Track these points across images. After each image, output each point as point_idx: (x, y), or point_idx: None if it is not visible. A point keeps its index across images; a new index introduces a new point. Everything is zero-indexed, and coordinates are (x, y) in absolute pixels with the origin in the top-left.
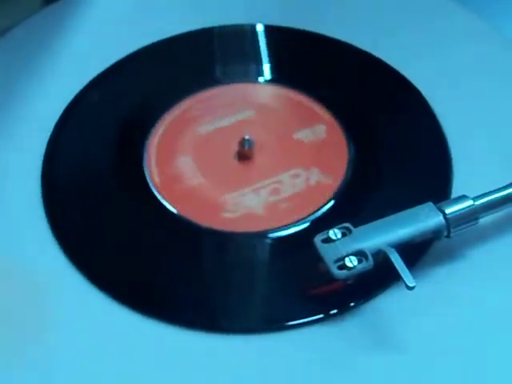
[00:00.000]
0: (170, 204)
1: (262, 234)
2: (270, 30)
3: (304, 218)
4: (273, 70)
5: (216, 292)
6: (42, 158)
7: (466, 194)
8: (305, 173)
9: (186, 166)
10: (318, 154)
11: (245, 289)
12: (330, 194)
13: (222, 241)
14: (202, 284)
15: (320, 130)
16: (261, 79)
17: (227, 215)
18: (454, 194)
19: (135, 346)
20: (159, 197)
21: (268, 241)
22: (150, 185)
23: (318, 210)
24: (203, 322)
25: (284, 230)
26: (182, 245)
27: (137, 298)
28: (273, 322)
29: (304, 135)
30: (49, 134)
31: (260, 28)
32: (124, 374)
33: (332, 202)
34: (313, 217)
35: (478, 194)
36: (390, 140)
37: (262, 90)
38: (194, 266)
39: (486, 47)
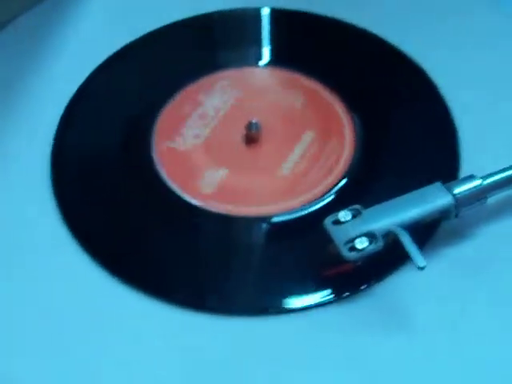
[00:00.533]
0: (180, 189)
1: (272, 216)
2: (272, 12)
3: (311, 202)
4: (276, 53)
5: (225, 274)
6: (51, 145)
7: (474, 173)
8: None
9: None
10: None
11: (254, 271)
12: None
13: (230, 224)
14: (212, 267)
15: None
16: (262, 63)
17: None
18: (463, 174)
19: (134, 324)
20: (167, 181)
21: (278, 223)
22: (156, 165)
23: (325, 193)
24: (217, 303)
25: (294, 212)
26: (190, 227)
27: (142, 278)
28: (284, 304)
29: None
30: (57, 119)
31: (263, 11)
32: (119, 349)
33: (341, 183)
34: (320, 200)
35: (485, 173)
36: (398, 122)
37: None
38: (203, 249)
39: (494, 32)
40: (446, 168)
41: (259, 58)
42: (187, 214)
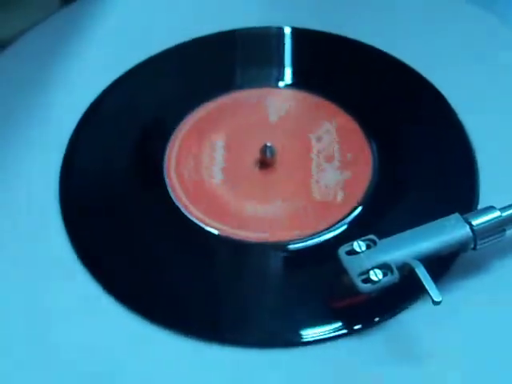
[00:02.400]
0: (192, 215)
1: (285, 244)
2: (292, 32)
3: (325, 230)
4: (295, 74)
5: (236, 304)
6: (60, 167)
7: (493, 204)
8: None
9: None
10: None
11: (266, 302)
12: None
13: (242, 251)
14: (222, 296)
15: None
16: (282, 84)
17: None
18: (481, 205)
19: (151, 356)
20: (179, 204)
21: (290, 251)
22: (170, 192)
23: (340, 221)
24: (222, 335)
25: (306, 240)
26: (208, 256)
27: (154, 308)
28: (295, 336)
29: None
30: (66, 141)
31: (283, 31)
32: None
33: (357, 212)
34: (334, 228)
35: (505, 205)
36: (415, 149)
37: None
38: (216, 277)
39: None
40: (464, 198)
41: (278, 78)
42: (201, 239)
